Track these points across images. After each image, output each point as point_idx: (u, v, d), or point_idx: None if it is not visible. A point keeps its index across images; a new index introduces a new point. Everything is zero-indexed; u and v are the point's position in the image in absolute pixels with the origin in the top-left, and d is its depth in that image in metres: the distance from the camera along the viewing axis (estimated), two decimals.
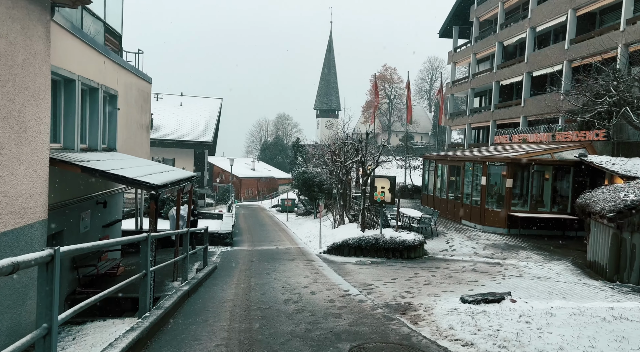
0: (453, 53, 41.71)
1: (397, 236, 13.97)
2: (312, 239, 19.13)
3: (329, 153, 19.96)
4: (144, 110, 16.68)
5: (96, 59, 11.60)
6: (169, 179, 10.27)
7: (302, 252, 15.92)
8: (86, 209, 11.35)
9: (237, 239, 20.62)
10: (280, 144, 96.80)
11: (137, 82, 15.47)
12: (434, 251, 14.72)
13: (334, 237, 16.69)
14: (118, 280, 12.47)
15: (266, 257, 14.63)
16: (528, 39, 29.66)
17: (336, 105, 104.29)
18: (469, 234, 17.81)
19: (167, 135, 44.08)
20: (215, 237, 18.89)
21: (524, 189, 18.89)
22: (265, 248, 17.61)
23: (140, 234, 5.98)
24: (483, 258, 13.85)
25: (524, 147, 21.66)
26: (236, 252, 16.54)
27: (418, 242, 13.83)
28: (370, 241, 13.87)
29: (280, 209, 39.67)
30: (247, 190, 74.29)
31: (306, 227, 23.74)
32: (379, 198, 14.10)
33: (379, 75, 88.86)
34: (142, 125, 16.54)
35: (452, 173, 22.32)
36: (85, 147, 11.46)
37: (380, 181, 14.06)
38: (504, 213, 18.15)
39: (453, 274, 11.31)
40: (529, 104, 29.27)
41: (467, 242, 16.01)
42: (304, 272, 11.27)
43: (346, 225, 18.99)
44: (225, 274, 11.12)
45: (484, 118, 35.42)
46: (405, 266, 12.53)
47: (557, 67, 26.59)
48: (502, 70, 32.98)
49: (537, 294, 9.33)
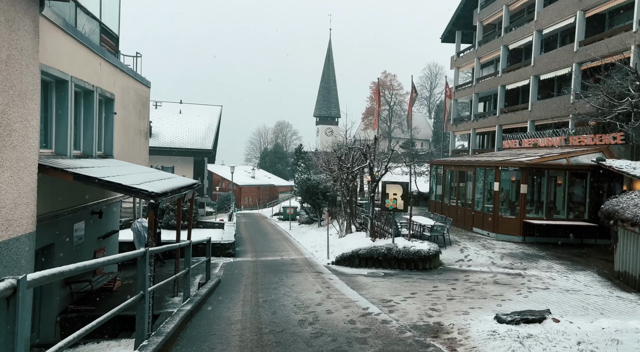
0: (456, 58, 41.11)
1: (411, 246, 13.19)
2: (318, 249, 18.33)
3: (335, 159, 19.20)
4: (143, 115, 15.95)
5: (91, 59, 10.88)
6: (169, 186, 9.51)
7: (309, 263, 15.12)
8: (80, 220, 10.57)
9: (239, 249, 19.81)
10: (280, 151, 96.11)
11: (135, 85, 14.75)
12: (449, 261, 13.94)
13: (342, 247, 15.90)
14: (115, 295, 11.66)
15: (272, 269, 13.83)
16: (534, 42, 29.04)
17: (336, 112, 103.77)
18: (482, 242, 17.03)
19: (166, 143, 43.36)
20: (217, 248, 18.09)
21: (539, 195, 18.14)
22: (270, 259, 16.81)
23: (137, 250, 5.21)
24: (502, 268, 13.07)
25: (536, 151, 20.93)
26: (240, 263, 15.74)
27: (433, 252, 13.05)
28: (382, 251, 13.08)
29: (282, 217, 38.84)
30: (247, 198, 73.47)
31: (311, 236, 22.93)
32: (390, 205, 13.33)
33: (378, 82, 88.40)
34: (141, 131, 15.80)
35: (461, 179, 21.58)
36: (80, 154, 10.71)
37: (392, 188, 13.30)
38: (519, 220, 17.38)
39: (475, 287, 10.53)
40: (537, 108, 28.59)
41: (483, 252, 15.23)
42: (315, 286, 10.47)
43: (353, 234, 18.20)
44: (230, 289, 10.32)
45: (489, 123, 34.73)
46: (421, 278, 11.74)
47: (566, 70, 25.93)
48: (507, 74, 32.34)
49: (572, 309, 8.55)
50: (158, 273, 14.80)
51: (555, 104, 26.89)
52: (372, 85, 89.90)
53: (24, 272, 7.57)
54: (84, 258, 10.95)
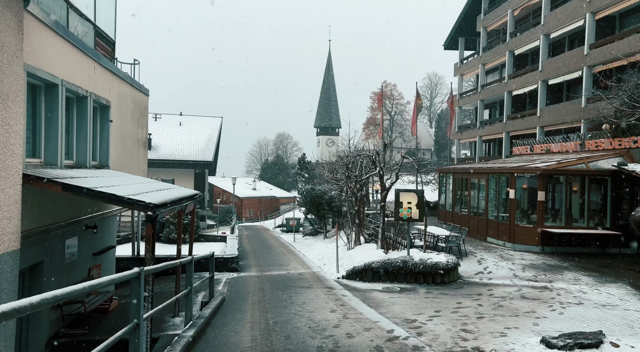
0: (460, 65, 40.54)
1: (428, 258, 12.34)
2: (326, 262, 17.46)
3: (342, 167, 18.41)
4: (141, 124, 15.21)
5: (84, 63, 10.15)
6: (168, 197, 8.71)
7: (318, 278, 14.25)
8: (72, 235, 9.76)
9: (243, 263, 18.95)
10: (281, 163, 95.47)
11: (132, 92, 14.03)
12: (468, 274, 13.07)
13: (353, 260, 15.05)
14: (111, 317, 10.80)
15: (279, 285, 12.97)
16: (542, 46, 28.42)
17: (336, 122, 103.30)
18: (499, 253, 16.17)
19: (166, 156, 42.65)
20: (220, 262, 17.23)
21: (553, 202, 17.33)
22: (276, 273, 15.95)
23: (131, 271, 4.40)
24: (526, 281, 12.19)
25: (549, 157, 20.14)
26: (244, 279, 14.88)
27: (452, 264, 12.19)
28: (397, 265, 12.22)
29: (285, 229, 37.95)
30: (249, 210, 72.61)
31: (316, 249, 22.06)
32: (405, 215, 12.50)
33: (379, 92, 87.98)
34: (139, 141, 15.04)
35: (473, 186, 20.77)
36: (72, 164, 9.93)
37: (406, 196, 12.48)
38: (537, 229, 16.53)
39: (502, 303, 9.67)
40: (546, 114, 27.87)
41: (502, 263, 14.36)
42: (328, 304, 9.62)
43: (362, 246, 17.35)
44: (236, 309, 9.46)
45: (496, 130, 34.01)
46: (441, 293, 10.88)
47: (576, 73, 25.25)
48: (514, 80, 31.69)
49: (617, 328, 7.69)
50: (157, 291, 13.95)
51: (566, 108, 26.19)
52: (373, 95, 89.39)
53: (6, 295, 6.75)
54: (77, 276, 10.11)
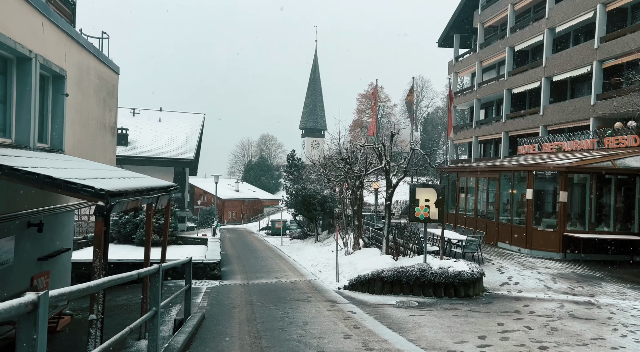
0: (454, 62, 38.96)
1: (448, 266, 10.37)
2: (321, 269, 15.39)
3: (340, 162, 16.39)
4: (108, 106, 12.97)
5: (27, 14, 7.95)
6: (130, 186, 6.58)
7: (315, 288, 12.17)
8: (6, 235, 7.52)
9: (226, 269, 16.76)
10: (265, 164, 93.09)
11: (97, 67, 11.80)
12: (492, 285, 11.14)
13: (355, 266, 13.02)
14: (58, 339, 8.54)
15: (270, 297, 10.85)
16: (546, 41, 26.88)
17: (322, 124, 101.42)
18: (517, 260, 14.32)
19: (144, 152, 40.15)
20: (200, 268, 15.04)
21: (578, 204, 15.59)
22: (264, 282, 13.82)
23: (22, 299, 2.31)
24: (562, 295, 10.32)
25: (564, 156, 18.42)
26: (228, 288, 12.72)
27: (477, 274, 10.25)
28: (413, 274, 10.21)
29: (271, 232, 35.79)
30: (231, 212, 70.09)
31: (307, 253, 19.98)
32: (421, 215, 10.52)
33: (365, 93, 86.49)
34: (106, 125, 12.79)
35: (481, 187, 18.94)
36: (8, 142, 7.70)
37: (423, 192, 10.50)
38: (558, 234, 14.74)
39: (552, 324, 7.75)
40: (550, 112, 26.31)
41: (526, 272, 12.49)
42: (338, 325, 7.56)
43: (363, 250, 15.34)
44: (219, 333, 7.34)
45: (494, 130, 32.41)
46: (471, 310, 8.91)
47: (585, 69, 23.70)
48: (514, 77, 30.13)
49: None
50: (123, 302, 11.71)
51: (572, 106, 24.65)
52: (360, 97, 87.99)
53: None
54: (14, 288, 7.86)
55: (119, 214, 19.87)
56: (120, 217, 20.66)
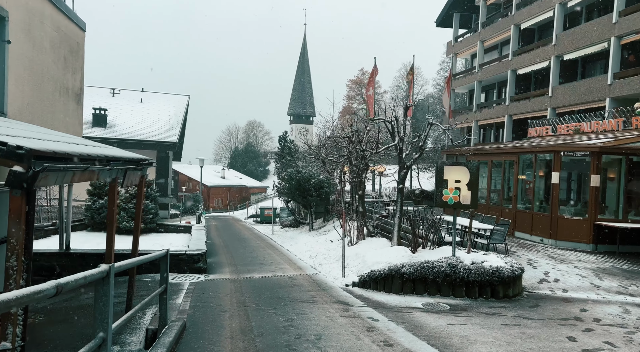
0: (454, 43, 37.13)
1: (482, 261, 8.60)
2: (321, 261, 13.55)
3: (344, 140, 14.46)
4: (72, 68, 10.85)
5: None
6: (79, 150, 4.63)
7: (319, 285, 10.33)
8: None
9: (212, 260, 14.84)
10: (252, 150, 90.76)
11: (55, 16, 9.67)
12: (529, 283, 9.41)
13: (363, 259, 11.21)
14: None
15: (267, 296, 8.99)
16: (557, 16, 25.13)
17: (311, 111, 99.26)
18: (544, 252, 12.65)
19: (125, 134, 37.70)
20: (182, 260, 13.07)
21: (610, 189, 13.95)
22: (257, 276, 11.94)
23: None
24: (618, 295, 8.64)
25: (589, 137, 16.75)
26: (215, 284, 10.82)
27: (518, 271, 8.49)
28: (442, 270, 8.41)
29: (260, 220, 33.87)
30: (217, 200, 67.90)
31: (303, 243, 18.13)
32: (450, 199, 8.70)
33: (355, 79, 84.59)
34: (68, 90, 10.68)
35: (495, 170, 17.22)
36: None
37: (453, 172, 8.68)
38: (588, 223, 13.10)
39: (637, 338, 6.02)
40: (560, 93, 24.66)
41: (562, 267, 10.80)
42: (363, 341, 5.73)
43: (369, 240, 13.53)
44: (204, 348, 5.45)
45: (497, 113, 30.74)
46: (520, 317, 7.15)
47: (601, 46, 22.05)
48: (519, 57, 28.41)
49: None
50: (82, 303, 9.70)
51: (585, 86, 23.00)
52: (350, 83, 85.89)
53: None
54: None
55: (91, 198, 17.73)
56: (94, 202, 18.53)
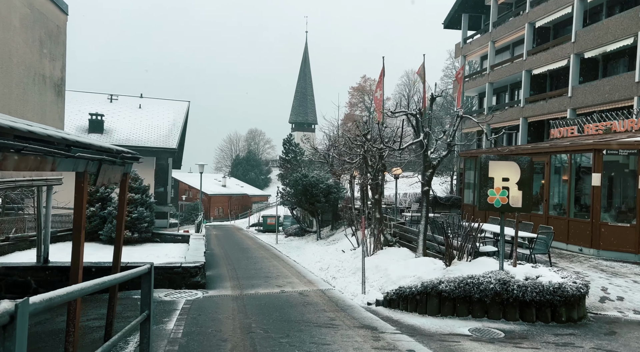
0: (462, 44, 35.85)
1: (537, 275, 7.10)
2: (334, 275, 12.03)
3: (360, 138, 12.98)
4: (50, 53, 9.45)
5: None
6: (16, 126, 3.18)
7: (336, 304, 8.81)
8: None
9: (211, 273, 13.33)
10: (253, 159, 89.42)
11: None
12: (589, 302, 7.89)
13: (386, 273, 9.71)
14: None
15: (276, 320, 7.47)
16: (576, 12, 23.80)
17: (312, 118, 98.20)
18: (588, 263, 11.14)
19: (122, 141, 36.30)
20: (177, 274, 11.56)
21: None
22: (263, 292, 10.42)
23: None
24: None
25: (613, 136, 15.28)
26: (214, 303, 9.31)
27: (584, 289, 6.99)
28: (490, 288, 6.90)
29: (262, 229, 32.33)
30: (218, 209, 66.37)
31: (311, 253, 16.63)
32: (497, 200, 7.23)
33: (357, 86, 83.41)
34: (45, 79, 9.27)
35: None
36: None
37: (500, 168, 7.22)
38: (637, 230, 11.59)
39: None
40: (581, 93, 23.25)
41: (619, 282, 9.29)
42: None
43: (387, 251, 12.03)
44: None
45: (510, 116, 29.30)
46: (601, 349, 5.64)
47: (626, 41, 20.69)
48: (534, 57, 27.04)
49: None
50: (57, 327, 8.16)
51: (610, 84, 21.58)
52: (352, 90, 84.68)
53: None
54: None
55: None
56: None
